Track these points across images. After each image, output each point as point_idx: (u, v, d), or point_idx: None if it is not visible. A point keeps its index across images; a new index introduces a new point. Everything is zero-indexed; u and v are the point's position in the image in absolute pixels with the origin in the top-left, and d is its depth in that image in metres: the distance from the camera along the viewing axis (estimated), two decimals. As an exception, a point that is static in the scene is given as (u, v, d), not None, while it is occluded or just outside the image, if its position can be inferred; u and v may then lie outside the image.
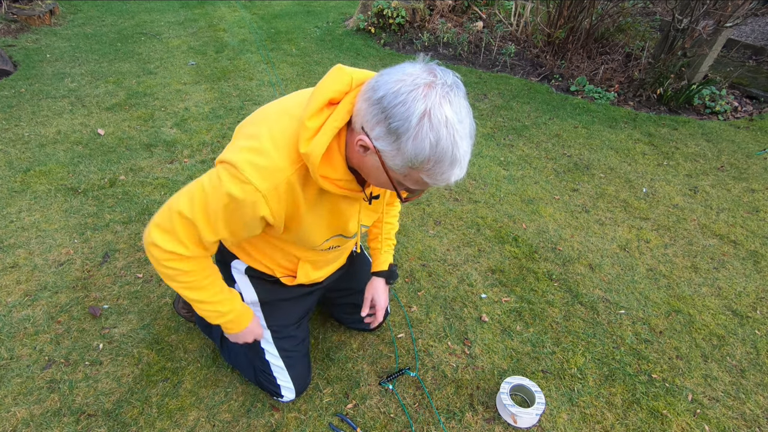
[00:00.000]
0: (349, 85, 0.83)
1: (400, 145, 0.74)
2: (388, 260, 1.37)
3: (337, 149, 0.85)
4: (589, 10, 3.88)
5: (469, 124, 0.76)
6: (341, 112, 0.81)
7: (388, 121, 0.73)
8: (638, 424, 1.40)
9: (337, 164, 0.87)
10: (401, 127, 0.72)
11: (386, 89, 0.73)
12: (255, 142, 0.86)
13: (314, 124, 0.81)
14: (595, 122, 3.28)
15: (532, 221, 2.25)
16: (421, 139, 0.72)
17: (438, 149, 0.73)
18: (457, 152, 0.74)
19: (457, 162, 0.75)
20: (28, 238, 1.93)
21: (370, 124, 0.76)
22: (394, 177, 0.81)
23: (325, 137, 0.81)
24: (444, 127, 0.71)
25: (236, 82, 3.53)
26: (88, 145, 2.60)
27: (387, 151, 0.76)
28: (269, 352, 1.29)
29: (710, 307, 1.84)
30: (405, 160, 0.75)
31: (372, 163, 0.81)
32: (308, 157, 0.82)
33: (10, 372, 1.42)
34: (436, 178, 0.77)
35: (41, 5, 4.60)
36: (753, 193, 2.58)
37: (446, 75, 0.74)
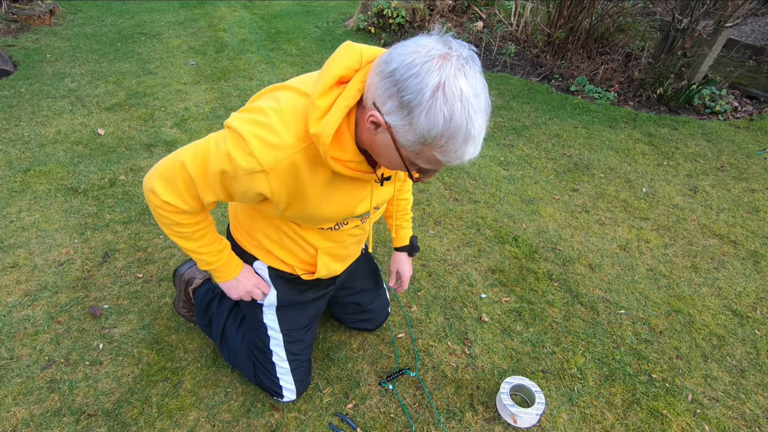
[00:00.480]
0: (359, 62, 0.80)
1: (413, 119, 0.71)
2: (408, 234, 1.39)
3: (347, 129, 0.83)
4: (589, 10, 3.88)
5: (484, 99, 0.73)
6: (352, 90, 0.78)
7: (401, 94, 0.70)
8: (638, 424, 1.40)
9: (347, 145, 0.84)
10: (414, 100, 0.69)
11: (399, 61, 0.70)
12: (263, 116, 0.84)
13: (324, 102, 0.79)
14: (595, 122, 3.28)
15: (532, 221, 2.25)
16: (434, 113, 0.69)
17: (452, 124, 0.69)
18: (472, 128, 0.71)
19: (471, 138, 0.72)
20: (28, 238, 1.93)
21: (381, 99, 0.73)
22: (405, 155, 0.78)
23: (336, 116, 0.78)
24: (459, 101, 0.68)
25: (236, 82, 3.53)
26: (88, 145, 2.60)
27: (399, 126, 0.73)
28: (277, 354, 1.29)
29: (710, 307, 1.84)
30: (417, 135, 0.72)
31: (383, 141, 0.78)
32: (318, 137, 0.79)
33: (10, 372, 1.42)
34: (449, 155, 0.74)
35: (41, 5, 4.60)
36: (753, 193, 2.58)
37: (462, 47, 0.71)
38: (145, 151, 2.59)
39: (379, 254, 1.99)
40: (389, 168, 0.86)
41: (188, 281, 1.52)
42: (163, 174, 0.94)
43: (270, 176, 0.84)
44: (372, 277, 1.50)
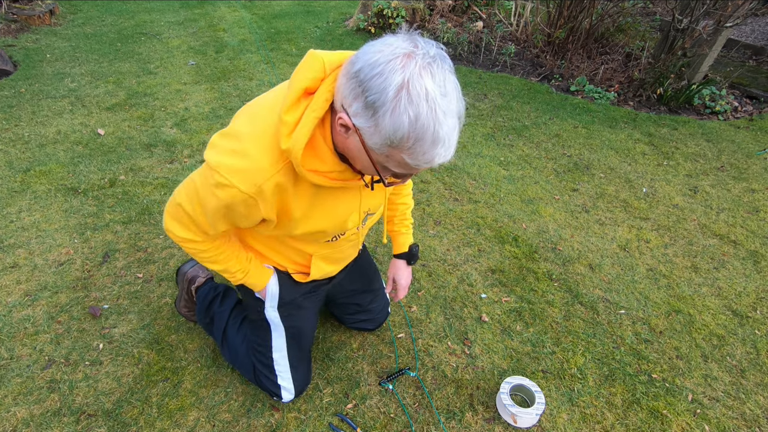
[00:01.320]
0: (323, 71, 0.78)
1: (378, 120, 0.68)
2: (407, 241, 1.37)
3: (322, 140, 0.81)
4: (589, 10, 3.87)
5: (455, 100, 0.70)
6: (319, 101, 0.77)
7: (365, 95, 0.68)
8: (638, 424, 1.40)
9: (325, 155, 0.83)
10: (378, 101, 0.67)
11: (364, 61, 0.68)
12: (236, 142, 0.83)
13: (292, 117, 0.77)
14: (595, 122, 3.28)
15: (532, 221, 2.25)
16: (399, 114, 0.66)
17: (418, 125, 0.67)
18: (440, 129, 0.68)
19: (440, 141, 0.69)
20: (28, 238, 1.93)
21: (348, 100, 0.71)
22: (375, 159, 0.76)
23: (305, 129, 0.77)
24: (424, 101, 0.66)
25: (236, 82, 3.53)
26: (88, 145, 2.60)
27: (365, 128, 0.71)
28: (278, 351, 1.29)
29: (710, 307, 1.84)
30: (383, 137, 0.70)
31: (354, 144, 0.77)
32: (290, 153, 0.78)
33: (10, 372, 1.42)
34: (418, 158, 0.71)
35: (41, 5, 4.60)
36: (753, 193, 2.58)
37: (429, 45, 0.69)
38: (145, 151, 2.59)
39: (378, 254, 1.99)
40: (365, 172, 0.85)
41: (191, 280, 1.52)
42: (171, 214, 1.00)
43: (256, 199, 0.84)
44: (372, 277, 1.50)
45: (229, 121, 3.03)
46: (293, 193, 0.88)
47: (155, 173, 2.41)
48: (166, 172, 2.43)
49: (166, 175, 2.40)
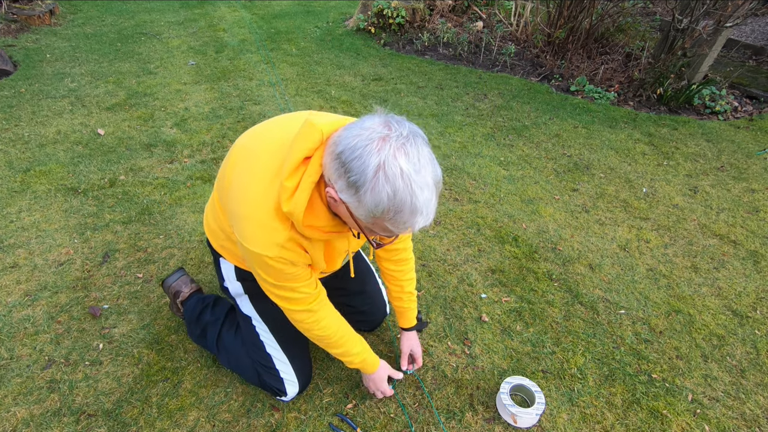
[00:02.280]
0: (320, 141, 0.86)
1: (360, 197, 0.77)
2: (414, 314, 1.44)
3: (318, 199, 0.91)
4: (589, 10, 3.87)
5: (431, 173, 0.78)
6: (314, 167, 0.86)
7: (347, 175, 0.77)
8: (638, 424, 1.40)
9: (321, 213, 0.92)
10: (359, 181, 0.76)
11: (344, 144, 0.77)
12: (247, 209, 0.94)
13: (292, 183, 0.86)
14: (595, 122, 3.28)
15: (532, 221, 2.25)
16: (378, 192, 0.75)
17: (396, 200, 0.75)
18: (417, 202, 0.76)
19: (417, 211, 0.77)
20: (28, 238, 1.93)
21: (333, 177, 0.81)
22: (363, 225, 0.85)
23: (303, 194, 0.86)
24: (400, 179, 0.74)
25: (236, 82, 3.53)
26: (88, 145, 2.60)
27: (350, 202, 0.80)
28: (269, 345, 1.30)
29: (710, 307, 1.84)
30: (367, 211, 0.78)
31: (343, 211, 0.86)
32: (291, 214, 0.88)
33: (10, 372, 1.42)
34: (398, 226, 0.80)
35: (41, 5, 4.60)
36: (753, 193, 2.58)
37: (402, 126, 0.77)
38: (145, 151, 2.59)
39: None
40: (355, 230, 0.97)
41: (175, 294, 1.54)
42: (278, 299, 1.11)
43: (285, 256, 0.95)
44: (364, 279, 1.50)
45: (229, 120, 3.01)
46: (308, 243, 0.99)
47: (155, 173, 2.41)
48: (166, 172, 2.43)
49: (166, 175, 2.40)
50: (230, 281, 1.27)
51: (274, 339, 1.30)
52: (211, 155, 2.59)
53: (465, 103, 3.45)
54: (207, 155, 2.59)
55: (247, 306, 1.29)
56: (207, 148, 2.66)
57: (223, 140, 2.74)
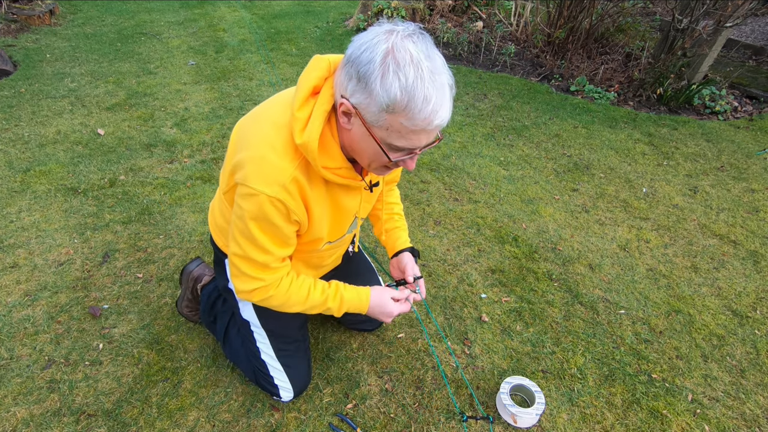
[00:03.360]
0: (328, 70, 0.85)
1: (370, 88, 0.74)
2: (407, 236, 1.40)
3: (331, 137, 0.88)
4: (589, 10, 3.87)
5: (441, 64, 0.76)
6: (325, 96, 0.84)
7: (357, 70, 0.75)
8: (638, 424, 1.40)
9: (334, 152, 0.89)
10: (368, 70, 0.73)
11: (352, 48, 0.77)
12: (248, 152, 0.88)
13: (303, 114, 0.84)
14: (595, 122, 3.28)
15: (532, 221, 2.25)
16: (389, 77, 0.72)
17: (408, 85, 0.72)
18: (429, 86, 0.73)
19: (431, 98, 0.74)
20: (28, 238, 1.93)
21: (344, 85, 0.78)
22: (379, 136, 0.81)
23: (317, 122, 0.83)
24: (410, 64, 0.72)
25: (236, 82, 3.53)
26: (88, 145, 2.60)
27: (362, 103, 0.77)
28: (265, 352, 1.29)
29: (710, 307, 1.84)
30: (379, 104, 0.75)
31: (358, 131, 0.82)
32: (306, 147, 0.84)
33: (10, 372, 1.42)
34: (414, 118, 0.75)
35: (41, 5, 4.60)
36: (753, 193, 2.58)
37: (408, 25, 0.76)
38: (145, 151, 2.59)
39: (378, 254, 1.99)
40: (372, 165, 0.90)
41: (197, 278, 1.54)
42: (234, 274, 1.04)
43: (283, 201, 0.89)
44: (367, 277, 1.50)
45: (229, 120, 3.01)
46: (309, 190, 0.93)
47: (155, 173, 2.41)
48: (166, 172, 2.43)
49: (166, 175, 2.40)
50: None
51: (271, 347, 1.29)
52: (211, 155, 2.59)
53: (465, 103, 3.45)
54: (207, 155, 2.59)
55: (248, 311, 1.28)
56: (207, 148, 2.66)
57: (223, 140, 2.74)
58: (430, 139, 0.82)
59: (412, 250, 1.38)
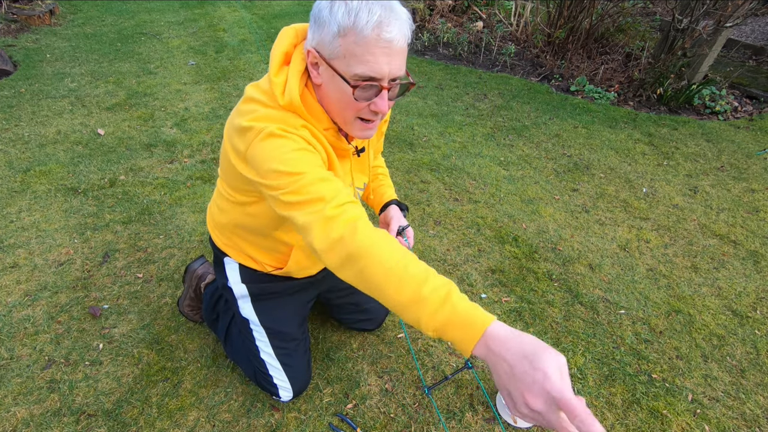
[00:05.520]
0: (296, 37, 0.91)
1: (322, 20, 0.80)
2: (393, 191, 1.38)
3: (312, 99, 0.91)
4: (589, 10, 3.87)
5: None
6: (296, 59, 0.89)
7: (313, 17, 0.83)
8: (638, 424, 1.40)
9: (318, 113, 0.92)
10: (320, 8, 0.81)
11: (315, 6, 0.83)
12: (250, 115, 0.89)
13: (280, 78, 0.89)
14: (595, 122, 3.28)
15: (532, 221, 2.25)
16: (336, 5, 0.79)
17: (353, 7, 0.77)
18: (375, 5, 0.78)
19: (376, 11, 0.77)
20: (28, 238, 1.93)
21: (309, 39, 0.86)
22: (340, 69, 0.82)
23: (293, 82, 0.87)
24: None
25: (236, 82, 3.53)
26: (88, 145, 2.60)
27: (319, 40, 0.82)
28: (264, 351, 1.29)
29: (710, 307, 1.84)
30: (331, 32, 0.79)
31: (326, 77, 0.86)
32: (291, 105, 0.88)
33: (10, 372, 1.42)
34: (363, 32, 0.77)
35: (41, 5, 4.60)
36: (753, 193, 2.58)
37: None
38: (145, 151, 2.59)
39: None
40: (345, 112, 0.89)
41: (201, 276, 1.54)
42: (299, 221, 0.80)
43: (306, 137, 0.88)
44: None
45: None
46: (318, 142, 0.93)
47: (155, 173, 2.41)
48: (166, 172, 2.43)
49: (166, 175, 2.40)
50: (234, 283, 1.27)
51: (270, 346, 1.29)
52: (211, 155, 2.59)
53: (465, 103, 3.45)
54: (207, 155, 2.59)
55: (247, 309, 1.28)
56: (207, 148, 2.66)
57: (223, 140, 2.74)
58: (392, 67, 0.81)
59: (399, 204, 1.34)
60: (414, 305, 0.69)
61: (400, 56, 0.82)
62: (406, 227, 1.27)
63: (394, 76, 0.84)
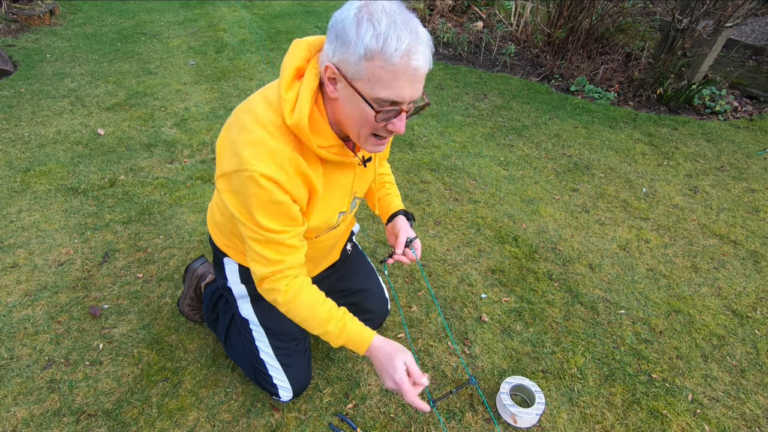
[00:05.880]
0: (309, 51, 0.88)
1: (347, 39, 0.77)
2: (400, 201, 1.37)
3: (320, 116, 0.90)
4: (589, 10, 3.87)
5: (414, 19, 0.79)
6: (310, 75, 0.87)
7: (335, 32, 0.79)
8: (638, 424, 1.40)
9: (324, 130, 0.91)
10: (344, 26, 0.78)
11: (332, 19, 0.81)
12: (245, 136, 0.89)
13: (291, 95, 0.86)
14: (595, 122, 3.28)
15: (532, 221, 2.25)
16: (364, 25, 0.76)
17: (382, 29, 0.75)
18: (404, 30, 0.76)
19: (405, 39, 0.76)
20: (28, 238, 1.93)
21: (327, 54, 0.82)
22: (363, 91, 0.81)
23: (305, 101, 0.85)
24: (382, 13, 0.76)
25: (236, 82, 3.53)
26: (88, 145, 2.60)
27: (342, 58, 0.79)
28: (263, 351, 1.29)
29: (710, 307, 1.84)
30: (357, 54, 0.77)
31: (344, 94, 0.84)
32: (297, 126, 0.86)
33: (10, 372, 1.42)
34: (392, 59, 0.76)
35: (41, 5, 4.60)
36: (753, 193, 2.58)
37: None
38: (145, 151, 2.59)
39: (379, 254, 1.99)
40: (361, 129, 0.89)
41: (201, 276, 1.54)
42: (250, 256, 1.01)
43: (280, 182, 0.88)
44: (367, 275, 1.50)
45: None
46: (308, 167, 0.93)
47: (155, 173, 2.41)
48: (166, 172, 2.43)
49: (166, 175, 2.40)
50: (234, 283, 1.27)
51: (270, 346, 1.29)
52: (211, 155, 2.59)
53: (465, 103, 3.45)
54: (207, 155, 2.59)
55: (247, 309, 1.29)
56: (207, 148, 2.66)
57: (223, 140, 2.74)
58: (414, 91, 0.82)
59: (406, 213, 1.34)
60: (324, 335, 1.07)
61: (422, 82, 0.83)
62: (414, 239, 1.28)
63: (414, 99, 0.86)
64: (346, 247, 1.41)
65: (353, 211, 1.20)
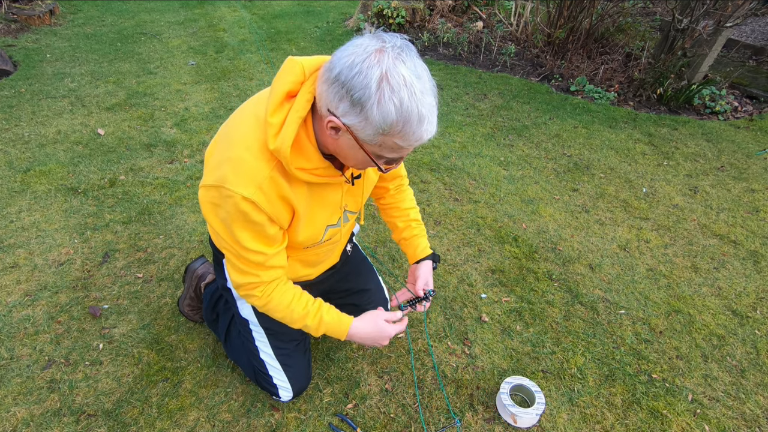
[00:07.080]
0: (303, 74, 0.84)
1: (367, 114, 0.75)
2: (427, 243, 1.38)
3: (306, 139, 0.87)
4: (589, 10, 3.88)
5: (427, 80, 0.77)
6: (301, 102, 0.83)
7: (350, 94, 0.74)
8: (638, 424, 1.40)
9: (310, 153, 0.89)
10: (363, 96, 0.73)
11: (341, 65, 0.75)
12: (228, 152, 0.88)
13: (277, 119, 0.83)
14: (595, 122, 3.28)
15: (532, 221, 2.25)
16: (385, 103, 0.73)
17: (403, 109, 0.74)
18: (423, 109, 0.75)
19: (424, 119, 0.76)
20: (28, 238, 1.93)
21: (334, 103, 0.78)
22: (370, 150, 0.82)
23: (290, 129, 0.83)
24: (404, 87, 0.73)
25: (236, 82, 3.53)
26: (88, 145, 2.60)
27: (356, 124, 0.77)
28: (263, 351, 1.29)
29: (710, 307, 1.84)
30: (375, 128, 0.76)
31: (346, 142, 0.83)
32: (279, 152, 0.84)
33: (10, 372, 1.42)
34: (409, 138, 0.78)
35: (41, 5, 4.60)
36: (753, 193, 2.58)
37: (394, 38, 0.76)
38: (145, 151, 2.59)
39: (379, 254, 1.99)
40: (358, 167, 0.91)
41: (201, 276, 1.54)
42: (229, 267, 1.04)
43: (258, 203, 0.88)
44: (366, 276, 1.50)
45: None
46: (290, 189, 0.92)
47: (155, 173, 2.41)
48: (166, 172, 2.43)
49: (166, 175, 2.40)
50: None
51: (270, 346, 1.29)
52: (211, 155, 2.59)
53: (465, 103, 3.45)
54: (207, 155, 2.59)
55: (247, 309, 1.28)
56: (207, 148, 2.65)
57: (223, 140, 2.74)
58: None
59: (433, 257, 1.36)
60: (305, 329, 1.14)
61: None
62: (432, 294, 1.30)
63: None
64: (346, 248, 1.41)
65: (347, 224, 1.19)
